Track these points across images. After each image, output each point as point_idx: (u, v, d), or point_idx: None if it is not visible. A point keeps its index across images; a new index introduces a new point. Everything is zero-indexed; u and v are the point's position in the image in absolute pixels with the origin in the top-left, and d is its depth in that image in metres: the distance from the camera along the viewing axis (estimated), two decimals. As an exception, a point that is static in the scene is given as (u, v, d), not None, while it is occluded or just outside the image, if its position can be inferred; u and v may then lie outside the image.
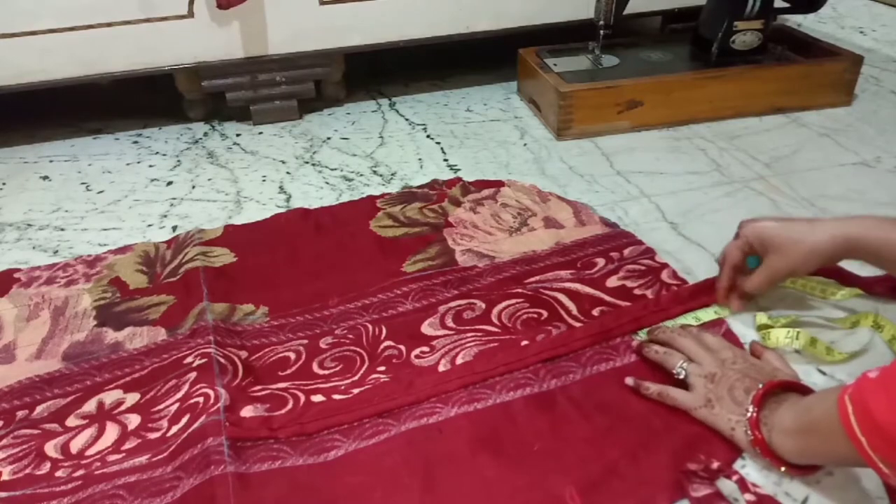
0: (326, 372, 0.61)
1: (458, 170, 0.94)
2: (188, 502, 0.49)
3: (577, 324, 0.65)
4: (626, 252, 0.74)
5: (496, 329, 0.65)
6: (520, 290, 0.69)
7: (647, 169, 0.92)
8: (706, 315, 0.65)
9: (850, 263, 0.69)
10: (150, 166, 0.98)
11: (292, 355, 0.63)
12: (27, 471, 0.53)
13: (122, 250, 0.78)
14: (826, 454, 0.46)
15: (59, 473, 0.52)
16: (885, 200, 0.83)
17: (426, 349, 0.63)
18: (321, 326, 0.66)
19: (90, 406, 0.58)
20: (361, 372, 0.61)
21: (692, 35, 1.10)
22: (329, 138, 1.04)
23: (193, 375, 0.59)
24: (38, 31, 0.93)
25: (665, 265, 0.72)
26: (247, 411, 0.56)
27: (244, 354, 0.62)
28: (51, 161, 1.00)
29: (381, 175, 0.93)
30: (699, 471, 0.49)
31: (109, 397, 0.59)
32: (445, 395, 0.57)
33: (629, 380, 0.57)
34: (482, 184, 0.89)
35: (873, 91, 1.13)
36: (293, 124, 1.09)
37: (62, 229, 0.83)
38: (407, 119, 1.10)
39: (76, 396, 0.59)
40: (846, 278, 0.68)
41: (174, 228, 0.83)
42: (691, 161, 0.94)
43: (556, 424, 0.55)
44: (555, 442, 0.53)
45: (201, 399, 0.57)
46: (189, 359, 0.62)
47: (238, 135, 1.07)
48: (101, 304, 0.70)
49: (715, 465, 0.50)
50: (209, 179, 0.94)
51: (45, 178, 0.95)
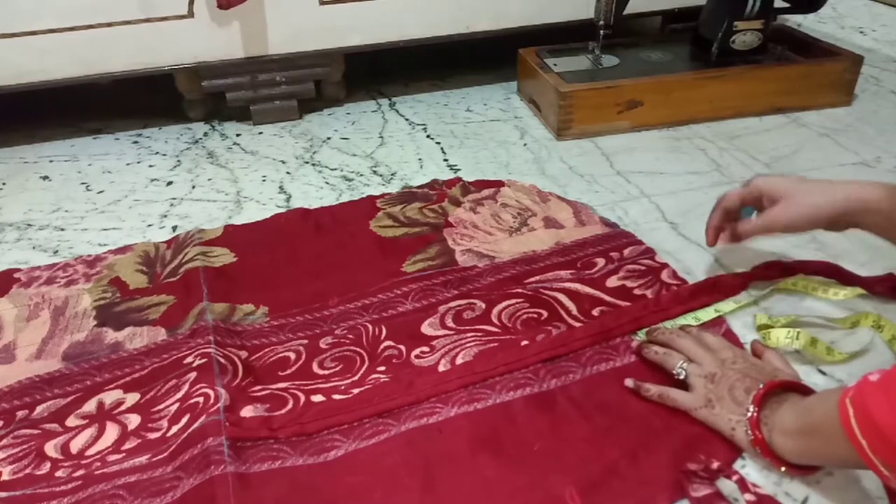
0: (326, 372, 0.61)
1: (458, 170, 0.94)
2: (188, 502, 0.49)
3: (577, 324, 0.65)
4: (626, 252, 0.74)
5: (496, 329, 0.65)
6: (520, 290, 0.69)
7: (647, 169, 0.92)
8: (706, 315, 0.65)
9: (851, 263, 0.69)
10: (150, 166, 0.98)
11: (292, 355, 0.63)
12: (27, 471, 0.53)
13: (122, 250, 0.78)
14: (826, 455, 0.46)
15: (59, 473, 0.52)
16: (886, 200, 0.83)
17: (426, 349, 0.63)
18: (321, 326, 0.66)
19: (90, 406, 0.58)
20: (361, 372, 0.61)
21: (692, 35, 1.10)
22: (329, 138, 1.04)
23: (193, 375, 0.59)
24: (38, 31, 0.93)
25: (665, 265, 0.72)
26: (247, 411, 0.56)
27: (244, 354, 0.62)
28: (51, 161, 1.00)
29: (381, 175, 0.93)
30: (699, 471, 0.49)
31: (109, 397, 0.59)
32: (445, 395, 0.57)
33: (629, 381, 0.57)
34: (482, 184, 0.89)
35: (873, 91, 1.13)
36: (293, 124, 1.09)
37: (62, 229, 0.83)
38: (407, 119, 1.10)
39: (76, 396, 0.59)
40: (846, 278, 0.68)
41: (174, 228, 0.83)
42: (691, 161, 0.94)
43: (556, 424, 0.55)
44: (555, 442, 0.53)
45: (201, 399, 0.57)
46: (189, 359, 0.62)
47: (238, 135, 1.07)
48: (101, 304, 0.70)
49: (715, 465, 0.50)
50: (209, 179, 0.94)
51: (45, 178, 0.95)
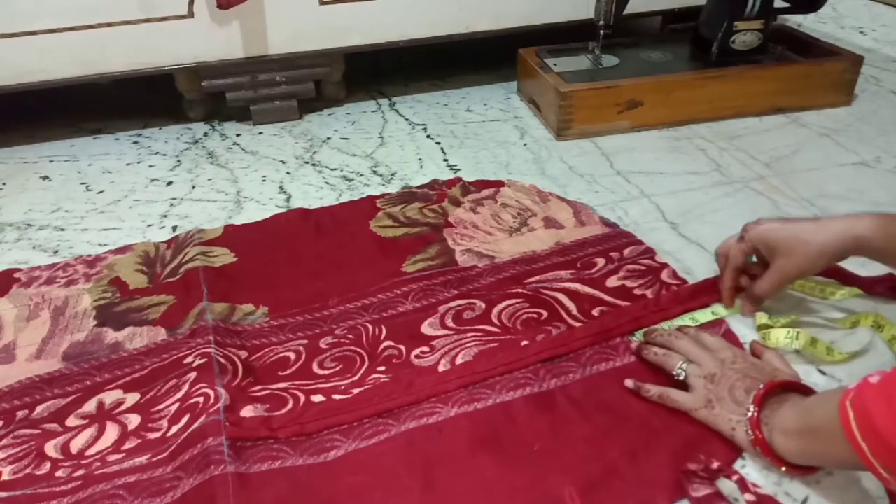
0: (326, 372, 0.61)
1: (458, 170, 0.94)
2: (188, 502, 0.49)
3: (577, 324, 0.65)
4: (626, 252, 0.74)
5: (496, 329, 0.65)
6: (520, 290, 0.69)
7: (647, 169, 0.92)
8: (703, 316, 0.65)
9: (850, 263, 0.69)
10: (150, 166, 0.98)
11: (292, 355, 0.63)
12: (27, 471, 0.53)
13: (122, 250, 0.78)
14: (826, 456, 0.46)
15: (59, 473, 0.52)
16: (885, 200, 0.83)
17: (426, 349, 0.63)
18: (321, 326, 0.66)
19: (90, 406, 0.58)
20: (361, 372, 0.61)
21: (692, 35, 1.10)
22: (329, 138, 1.04)
23: (193, 375, 0.59)
24: (38, 31, 0.93)
25: (665, 265, 0.72)
26: (247, 411, 0.56)
27: (244, 354, 0.62)
28: (51, 161, 1.00)
29: (381, 175, 0.93)
30: (699, 471, 0.49)
31: (109, 397, 0.59)
32: (445, 395, 0.57)
33: (629, 382, 0.57)
34: (482, 184, 0.89)
35: (873, 91, 1.13)
36: (293, 124, 1.09)
37: (62, 229, 0.83)
38: (407, 119, 1.10)
39: (76, 396, 0.59)
40: (846, 278, 0.68)
41: (174, 228, 0.83)
42: (691, 161, 0.94)
43: (556, 424, 0.55)
44: (555, 442, 0.53)
45: (201, 399, 0.57)
46: (189, 359, 0.62)
47: (238, 135, 1.07)
48: (101, 304, 0.70)
49: (715, 465, 0.50)
50: (209, 179, 0.94)
51: (45, 178, 0.95)
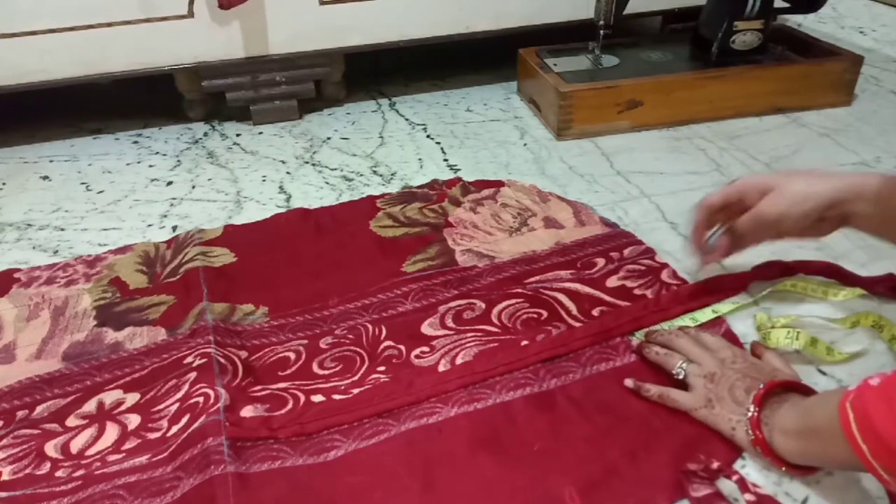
0: (326, 372, 0.61)
1: (458, 170, 0.94)
2: (188, 502, 0.49)
3: (577, 324, 0.65)
4: (626, 252, 0.74)
5: (496, 329, 0.65)
6: (520, 290, 0.69)
7: (647, 169, 0.92)
8: (703, 316, 0.65)
9: (851, 263, 0.69)
10: (150, 166, 0.98)
11: (292, 355, 0.63)
12: (27, 471, 0.53)
13: (122, 250, 0.78)
14: (826, 457, 0.46)
15: (59, 473, 0.52)
16: (885, 200, 0.83)
17: (426, 349, 0.63)
18: (321, 326, 0.66)
19: (90, 406, 0.58)
20: (361, 372, 0.61)
21: (692, 35, 1.10)
22: (329, 138, 1.04)
23: (193, 375, 0.59)
24: (38, 31, 0.93)
25: (665, 265, 0.72)
26: (247, 411, 0.56)
27: (244, 354, 0.62)
28: (51, 161, 1.00)
29: (381, 175, 0.93)
30: (699, 471, 0.49)
31: (109, 397, 0.59)
32: (445, 395, 0.57)
33: (629, 382, 0.57)
34: (482, 184, 0.89)
35: (873, 91, 1.13)
36: (293, 124, 1.09)
37: (62, 229, 0.83)
38: (407, 119, 1.10)
39: (76, 396, 0.59)
40: (846, 278, 0.68)
41: (174, 228, 0.83)
42: (691, 161, 0.94)
43: (556, 424, 0.55)
44: (555, 442, 0.53)
45: (201, 399, 0.57)
46: (189, 359, 0.62)
47: (238, 135, 1.07)
48: (101, 304, 0.70)
49: (715, 465, 0.50)
50: (209, 179, 0.94)
51: (45, 178, 0.95)
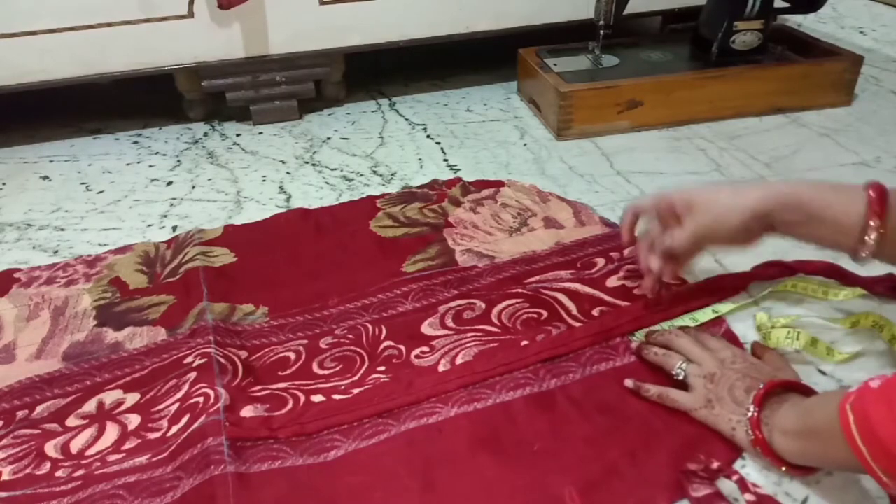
0: (326, 372, 0.61)
1: (458, 170, 0.94)
2: (188, 502, 0.49)
3: (577, 324, 0.65)
4: (627, 252, 0.74)
5: (496, 329, 0.65)
6: (520, 290, 0.69)
7: (647, 169, 0.92)
8: (703, 316, 0.65)
9: (851, 264, 0.69)
10: (150, 166, 0.98)
11: (292, 355, 0.63)
12: (27, 471, 0.53)
13: (122, 250, 0.78)
14: (826, 458, 0.46)
15: (59, 473, 0.52)
16: (886, 200, 0.83)
17: (426, 349, 0.63)
18: (321, 326, 0.66)
19: (90, 406, 0.58)
20: (361, 372, 0.61)
21: (692, 35, 1.10)
22: (329, 138, 1.04)
23: (193, 375, 0.59)
24: (38, 31, 0.93)
25: (665, 265, 0.72)
26: (247, 411, 0.56)
27: (244, 354, 0.62)
28: (51, 161, 1.00)
29: (381, 175, 0.93)
30: (699, 471, 0.49)
31: (109, 397, 0.59)
32: (445, 395, 0.57)
33: (629, 382, 0.57)
34: (482, 184, 0.89)
35: (873, 91, 1.13)
36: (293, 124, 1.09)
37: (62, 229, 0.83)
38: (407, 119, 1.10)
39: (76, 396, 0.59)
40: (846, 278, 0.68)
41: (174, 228, 0.83)
42: (691, 161, 0.94)
43: (556, 424, 0.55)
44: (555, 442, 0.53)
45: (201, 399, 0.57)
46: (189, 359, 0.62)
47: (238, 135, 1.07)
48: (101, 304, 0.70)
49: (715, 465, 0.50)
50: (209, 179, 0.94)
51: (45, 178, 0.95)
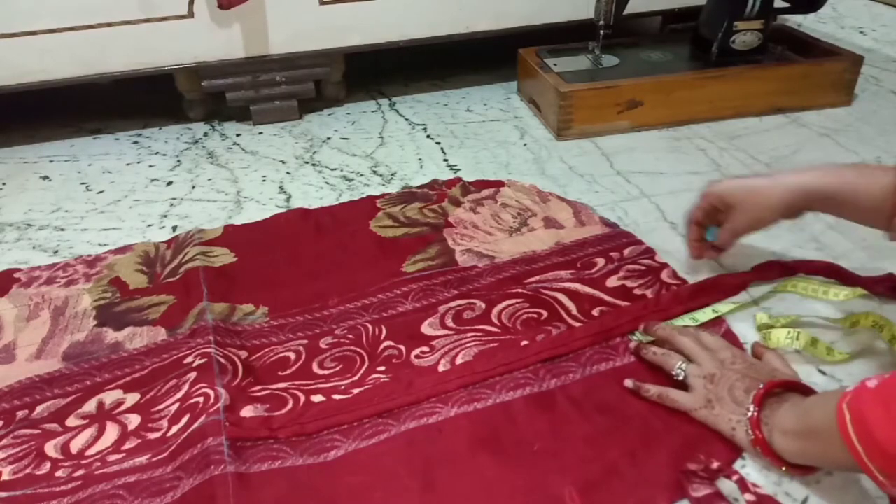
0: (326, 372, 0.61)
1: (458, 170, 0.94)
2: (188, 502, 0.49)
3: (577, 324, 0.65)
4: (626, 252, 0.74)
5: (496, 329, 0.65)
6: (520, 290, 0.69)
7: (647, 169, 0.92)
8: (704, 316, 0.65)
9: (851, 264, 0.69)
10: (150, 166, 0.98)
11: (292, 355, 0.63)
12: (27, 471, 0.53)
13: (122, 250, 0.78)
14: (824, 458, 0.46)
15: (59, 473, 0.52)
16: (885, 200, 0.83)
17: (426, 349, 0.63)
18: (321, 326, 0.66)
19: (90, 406, 0.58)
20: (361, 372, 0.61)
21: (692, 35, 1.10)
22: (329, 138, 1.04)
23: (193, 375, 0.59)
24: (38, 31, 0.93)
25: (665, 265, 0.72)
26: (247, 411, 0.56)
27: (244, 354, 0.62)
28: (51, 161, 1.00)
29: (381, 175, 0.93)
30: (699, 471, 0.49)
31: (109, 397, 0.59)
32: (445, 395, 0.57)
33: (629, 382, 0.57)
34: (482, 184, 0.89)
35: (873, 91, 1.13)
36: (293, 124, 1.09)
37: (62, 229, 0.83)
38: (407, 119, 1.10)
39: (76, 396, 0.59)
40: (846, 278, 0.68)
41: (174, 228, 0.83)
42: (691, 161, 0.94)
43: (556, 424, 0.55)
44: (555, 442, 0.53)
45: (201, 399, 0.57)
46: (189, 359, 0.62)
47: (238, 135, 1.07)
48: (101, 304, 0.70)
49: (715, 465, 0.50)
50: (209, 179, 0.94)
51: (45, 178, 0.95)
